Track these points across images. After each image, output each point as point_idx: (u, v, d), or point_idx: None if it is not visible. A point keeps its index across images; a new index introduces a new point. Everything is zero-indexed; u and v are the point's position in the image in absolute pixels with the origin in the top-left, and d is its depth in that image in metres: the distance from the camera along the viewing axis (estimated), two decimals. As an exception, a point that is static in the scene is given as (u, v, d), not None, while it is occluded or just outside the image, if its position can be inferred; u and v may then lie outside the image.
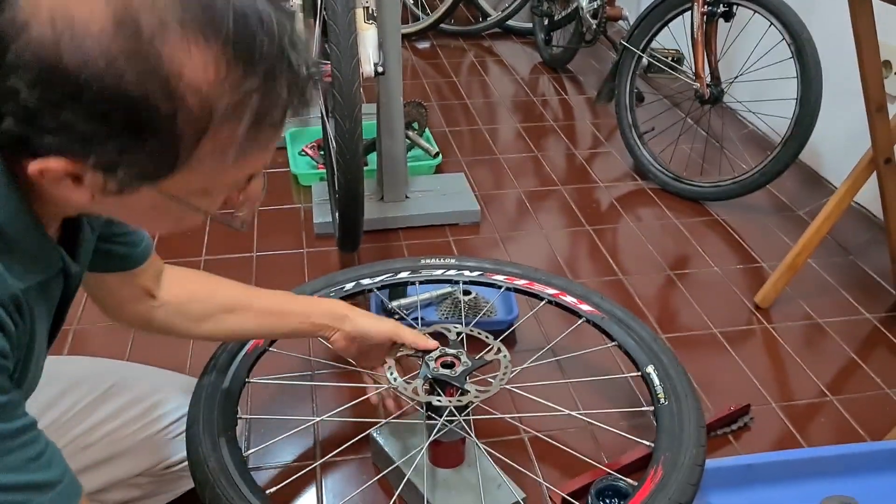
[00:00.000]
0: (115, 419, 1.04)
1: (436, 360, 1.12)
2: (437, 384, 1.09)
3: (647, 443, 1.10)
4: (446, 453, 1.17)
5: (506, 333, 1.33)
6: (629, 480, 1.10)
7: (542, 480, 1.24)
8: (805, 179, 2.18)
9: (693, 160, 2.30)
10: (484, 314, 1.56)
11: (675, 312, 1.69)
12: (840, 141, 2.04)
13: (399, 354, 1.12)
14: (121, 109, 0.55)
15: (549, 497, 1.22)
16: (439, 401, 1.05)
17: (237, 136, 0.60)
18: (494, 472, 1.17)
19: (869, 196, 1.83)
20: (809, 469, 1.23)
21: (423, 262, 1.43)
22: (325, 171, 2.03)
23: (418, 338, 1.11)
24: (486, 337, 1.18)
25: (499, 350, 1.15)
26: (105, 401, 1.05)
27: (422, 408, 1.13)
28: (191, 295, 1.04)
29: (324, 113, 1.72)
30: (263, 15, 0.58)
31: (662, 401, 1.14)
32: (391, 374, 1.09)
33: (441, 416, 1.08)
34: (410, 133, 2.20)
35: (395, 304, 1.56)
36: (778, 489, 1.22)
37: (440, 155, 2.20)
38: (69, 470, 0.68)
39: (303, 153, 2.24)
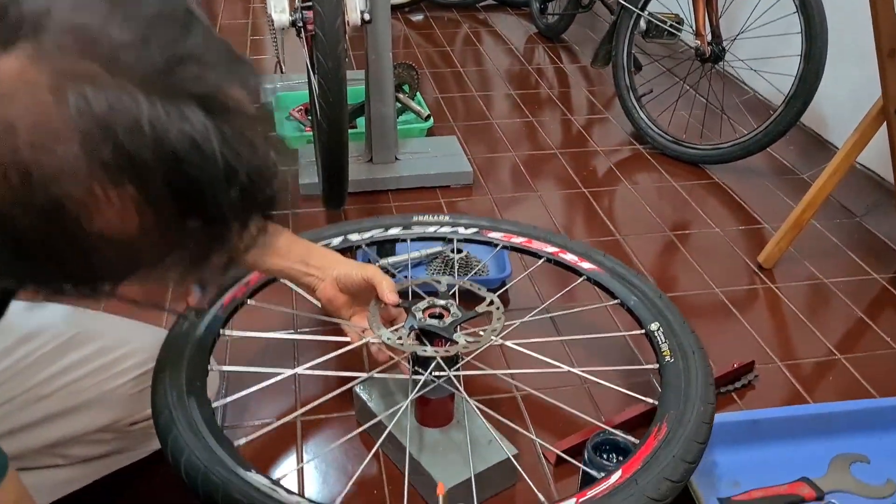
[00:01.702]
0: (77, 370, 0.97)
1: (423, 311, 1.05)
2: (425, 335, 1.02)
3: (651, 400, 1.03)
4: (434, 412, 1.10)
5: (499, 292, 1.26)
6: (629, 438, 1.03)
7: (535, 437, 1.17)
8: (808, 143, 2.11)
9: (692, 124, 2.23)
10: (476, 273, 1.49)
11: (675, 273, 1.63)
12: (845, 104, 1.97)
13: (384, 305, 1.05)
14: (28, 258, 0.46)
15: (543, 455, 1.16)
16: (425, 350, 0.98)
17: (177, 272, 0.51)
18: (485, 429, 1.10)
19: (874, 156, 1.76)
20: (819, 426, 1.17)
21: (415, 218, 1.36)
22: (311, 133, 1.96)
23: (391, 287, 1.04)
24: (479, 289, 1.11)
25: (492, 302, 1.08)
26: (67, 351, 0.98)
27: (408, 362, 1.06)
28: None
29: (309, 69, 1.65)
30: (199, 138, 0.44)
31: (668, 358, 1.07)
32: (374, 321, 1.02)
33: (428, 371, 1.01)
34: (401, 95, 2.12)
35: (383, 262, 1.49)
36: (785, 447, 1.15)
37: (431, 118, 2.12)
38: None
39: (290, 117, 2.16)
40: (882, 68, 1.40)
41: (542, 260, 1.28)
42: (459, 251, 1.53)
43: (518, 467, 0.93)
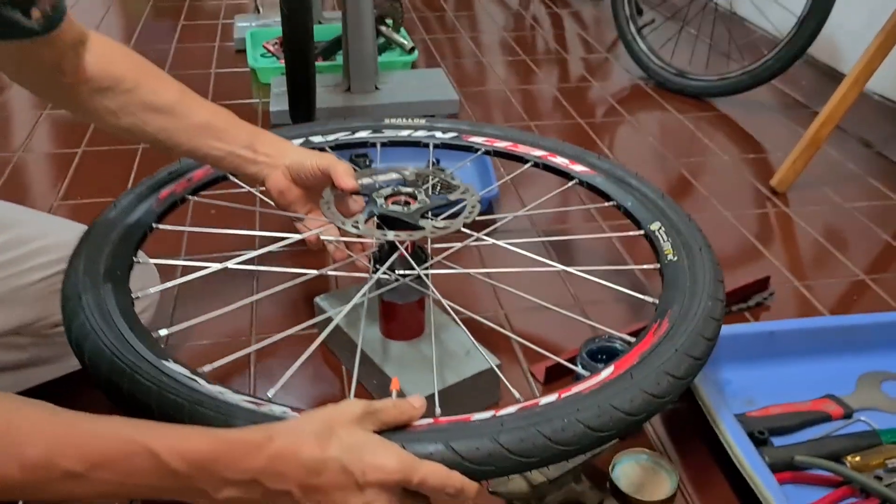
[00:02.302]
0: (-18, 260, 0.83)
1: (387, 198, 0.90)
2: (386, 224, 0.87)
3: (651, 299, 0.88)
4: (401, 319, 0.96)
5: (491, 228, 1.11)
6: (626, 336, 0.89)
7: (520, 353, 1.02)
8: (820, 76, 1.96)
9: (697, 58, 2.08)
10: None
11: (681, 198, 1.48)
12: (859, 32, 1.82)
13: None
14: None
15: (530, 372, 1.01)
16: (384, 235, 0.84)
17: None
18: (461, 340, 0.96)
19: (889, 84, 1.62)
20: (844, 340, 1.02)
21: (387, 121, 1.21)
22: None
23: (348, 172, 0.89)
24: (453, 178, 0.97)
25: (466, 190, 0.94)
26: (-29, 238, 0.84)
27: (370, 261, 0.92)
28: (113, 81, 0.82)
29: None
30: None
31: (671, 257, 0.92)
32: (328, 208, 0.87)
33: (384, 266, 0.87)
34: (384, 28, 1.98)
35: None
36: (806, 363, 1.01)
37: (416, 50, 1.98)
38: None
39: (265, 53, 2.02)
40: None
41: (528, 164, 1.13)
42: (441, 170, 1.38)
43: (503, 378, 0.79)
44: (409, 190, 0.91)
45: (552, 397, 0.69)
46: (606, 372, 0.73)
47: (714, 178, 1.55)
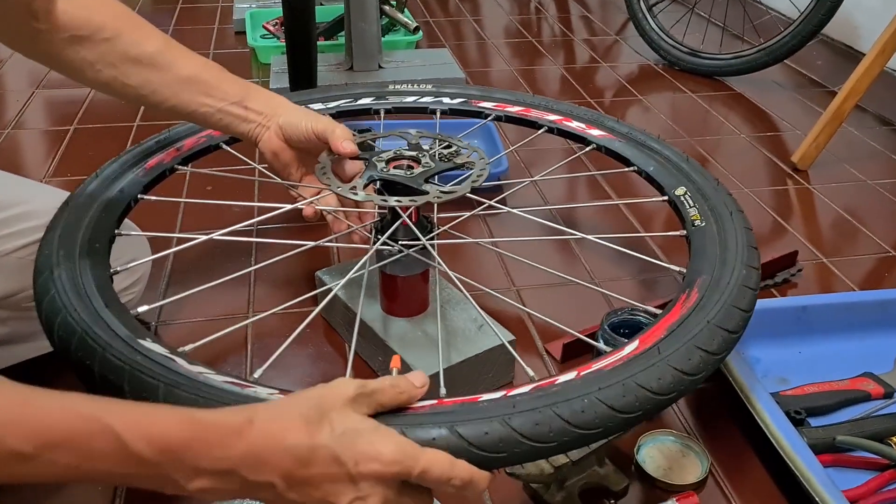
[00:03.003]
0: (-45, 226, 0.77)
1: (388, 162, 0.84)
2: (388, 190, 0.81)
3: (678, 268, 0.82)
4: (404, 294, 0.89)
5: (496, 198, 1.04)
6: (652, 309, 0.82)
7: (535, 314, 0.96)
8: (837, 55, 1.90)
9: (709, 38, 2.01)
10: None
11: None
12: (877, 10, 1.76)
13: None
14: None
15: (545, 350, 0.95)
16: (384, 200, 0.77)
17: None
18: (470, 315, 0.90)
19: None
20: (881, 315, 0.96)
21: (391, 87, 1.15)
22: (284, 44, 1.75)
23: (346, 135, 0.83)
24: (458, 140, 0.90)
25: (473, 152, 0.87)
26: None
27: (370, 232, 0.86)
28: (91, 29, 0.75)
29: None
30: None
31: (698, 223, 0.85)
32: (323, 174, 0.81)
33: (384, 235, 0.80)
34: (387, 7, 1.92)
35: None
36: (841, 340, 0.94)
37: (420, 30, 1.91)
38: None
39: (265, 33, 1.96)
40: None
41: (542, 130, 1.06)
42: (448, 146, 1.32)
43: (516, 356, 0.72)
44: (413, 153, 0.85)
45: (570, 375, 0.61)
46: (630, 347, 0.66)
47: (731, 157, 1.48)
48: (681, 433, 0.83)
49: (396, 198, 0.77)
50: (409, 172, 0.81)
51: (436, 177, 0.82)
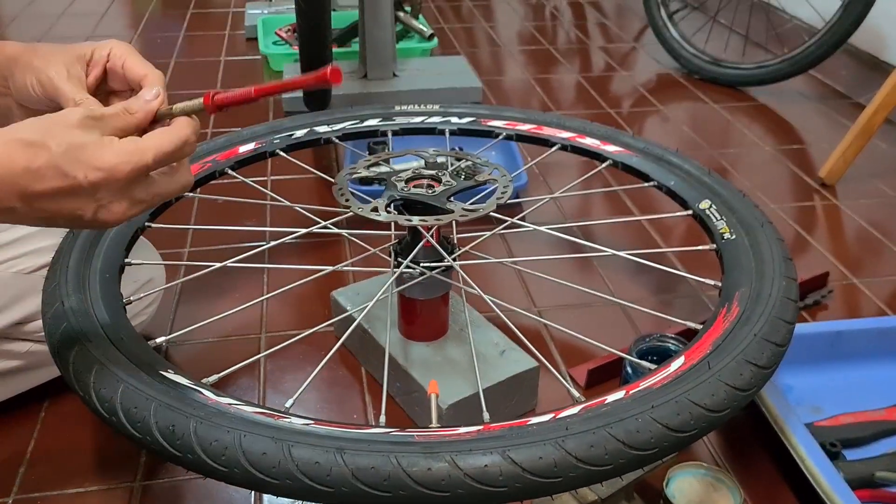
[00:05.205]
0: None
1: (407, 181, 0.81)
2: (408, 211, 0.78)
3: (712, 282, 0.78)
4: (423, 317, 0.86)
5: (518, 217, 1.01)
6: (681, 339, 0.79)
7: (556, 353, 0.93)
8: (862, 66, 1.86)
9: (732, 46, 1.98)
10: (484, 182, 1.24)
11: (721, 191, 1.38)
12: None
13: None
14: None
15: (569, 375, 0.92)
16: (409, 220, 0.74)
17: None
18: (493, 340, 0.86)
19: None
20: (919, 342, 0.92)
21: (398, 108, 1.11)
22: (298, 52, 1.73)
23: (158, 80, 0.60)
24: (478, 158, 0.87)
25: (496, 170, 0.84)
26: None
27: (390, 255, 0.82)
28: None
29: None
30: None
31: (728, 235, 0.82)
32: (341, 194, 0.77)
33: (416, 262, 0.77)
34: (402, 14, 1.89)
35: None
36: (877, 367, 0.91)
37: (435, 37, 1.88)
38: None
39: (277, 40, 1.93)
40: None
41: (555, 147, 1.03)
42: (461, 158, 1.29)
43: (560, 377, 0.68)
44: (432, 173, 0.82)
45: (619, 394, 0.59)
46: (677, 363, 0.63)
47: (755, 170, 1.45)
48: (711, 465, 0.79)
49: (420, 217, 0.74)
50: (430, 191, 0.79)
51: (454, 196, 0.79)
